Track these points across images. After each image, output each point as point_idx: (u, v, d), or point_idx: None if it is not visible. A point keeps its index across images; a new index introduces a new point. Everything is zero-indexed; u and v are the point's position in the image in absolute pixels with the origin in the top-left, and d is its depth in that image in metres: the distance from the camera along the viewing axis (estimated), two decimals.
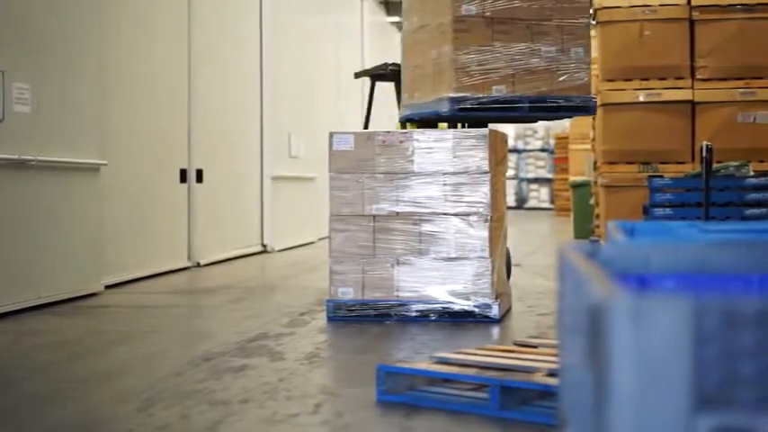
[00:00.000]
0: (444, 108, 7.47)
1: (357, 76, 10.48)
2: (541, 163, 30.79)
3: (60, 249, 8.58)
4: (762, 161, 10.90)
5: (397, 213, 7.39)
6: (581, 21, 7.58)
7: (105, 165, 9.30)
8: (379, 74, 9.90)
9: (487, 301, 7.24)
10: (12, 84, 7.94)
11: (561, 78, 7.54)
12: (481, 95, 7.39)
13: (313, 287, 9.47)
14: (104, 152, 9.34)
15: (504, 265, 7.88)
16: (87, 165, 9.02)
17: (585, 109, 7.65)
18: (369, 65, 21.37)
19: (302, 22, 16.40)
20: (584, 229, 15.02)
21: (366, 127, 9.91)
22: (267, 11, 14.51)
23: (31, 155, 8.10)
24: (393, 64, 9.66)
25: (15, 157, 7.90)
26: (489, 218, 7.28)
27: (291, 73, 15.36)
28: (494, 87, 7.44)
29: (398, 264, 7.37)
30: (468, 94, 7.40)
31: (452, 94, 7.38)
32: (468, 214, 7.29)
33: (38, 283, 8.24)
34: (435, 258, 7.32)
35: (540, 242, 16.69)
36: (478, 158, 7.29)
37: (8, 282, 7.88)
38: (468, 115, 7.55)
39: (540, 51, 7.49)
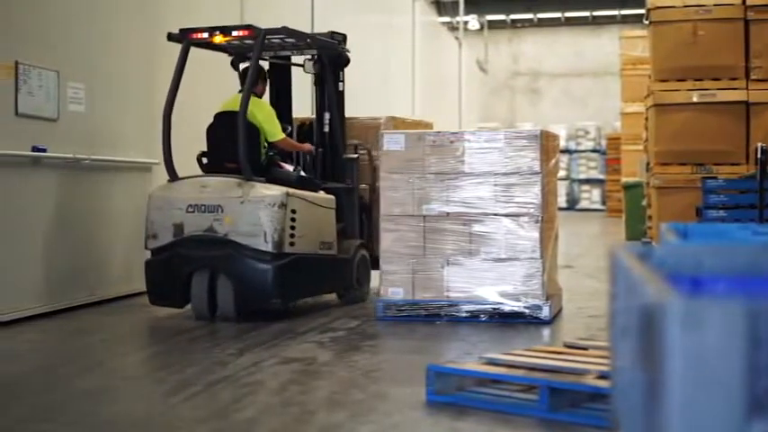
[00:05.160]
0: None
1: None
2: (593, 164, 30.52)
3: (113, 248, 8.66)
4: None
5: (448, 214, 7.37)
6: None
7: (157, 164, 9.36)
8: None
9: (538, 302, 7.20)
10: (66, 83, 8.02)
11: None
12: None
13: None
14: (156, 151, 9.40)
15: (555, 266, 7.83)
16: (139, 164, 9.10)
17: None
18: (419, 65, 21.37)
19: (353, 22, 16.42)
20: (637, 230, 14.89)
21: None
22: (319, 10, 14.56)
23: (85, 154, 8.19)
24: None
25: (70, 156, 7.99)
26: (540, 219, 7.24)
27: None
28: None
29: (449, 264, 7.35)
30: None
31: None
32: (518, 215, 7.26)
33: (91, 281, 8.32)
34: (486, 259, 7.29)
35: (591, 244, 16.59)
36: (530, 159, 7.25)
37: (62, 280, 7.96)
38: None
39: None
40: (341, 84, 8.78)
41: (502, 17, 31.80)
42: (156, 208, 7.57)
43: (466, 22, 27.74)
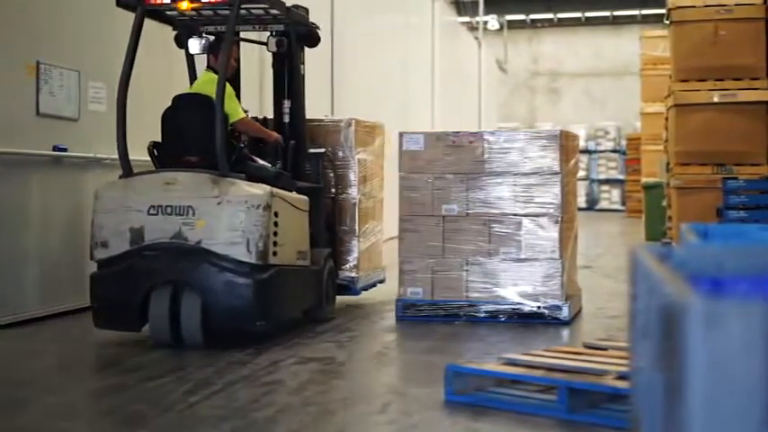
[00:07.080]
0: None
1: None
2: (613, 164, 30.45)
3: None
4: None
5: (467, 214, 7.37)
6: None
7: None
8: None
9: (557, 302, 7.19)
10: (87, 83, 8.06)
11: None
12: None
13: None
14: None
15: (574, 266, 7.80)
16: None
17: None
18: (438, 65, 21.35)
19: (373, 21, 16.43)
20: (657, 231, 14.85)
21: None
22: (339, 10, 14.57)
23: (106, 153, 8.21)
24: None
25: (90, 155, 8.02)
26: (560, 219, 7.23)
27: (360, 72, 15.40)
28: None
29: (468, 264, 7.34)
30: None
31: None
32: (538, 215, 7.25)
33: None
34: (505, 259, 7.28)
35: (610, 244, 16.54)
36: (549, 159, 7.24)
37: (81, 279, 7.99)
38: None
39: None
40: (302, 67, 7.61)
41: (521, 17, 31.77)
42: (107, 210, 6.35)
43: (485, 22, 27.71)
